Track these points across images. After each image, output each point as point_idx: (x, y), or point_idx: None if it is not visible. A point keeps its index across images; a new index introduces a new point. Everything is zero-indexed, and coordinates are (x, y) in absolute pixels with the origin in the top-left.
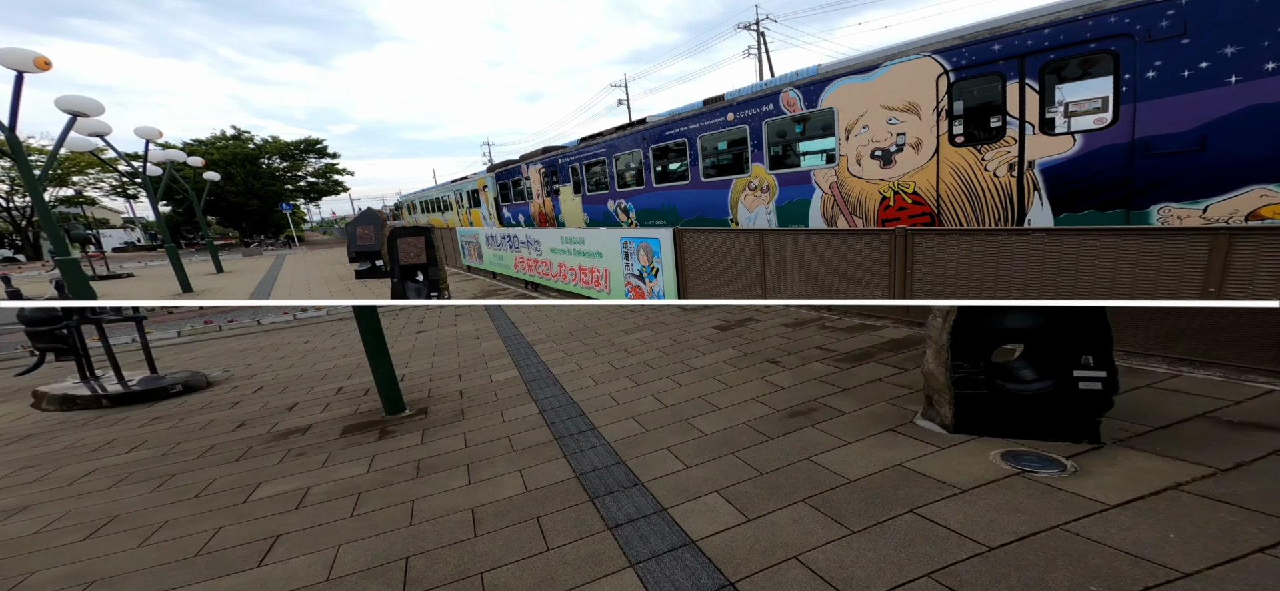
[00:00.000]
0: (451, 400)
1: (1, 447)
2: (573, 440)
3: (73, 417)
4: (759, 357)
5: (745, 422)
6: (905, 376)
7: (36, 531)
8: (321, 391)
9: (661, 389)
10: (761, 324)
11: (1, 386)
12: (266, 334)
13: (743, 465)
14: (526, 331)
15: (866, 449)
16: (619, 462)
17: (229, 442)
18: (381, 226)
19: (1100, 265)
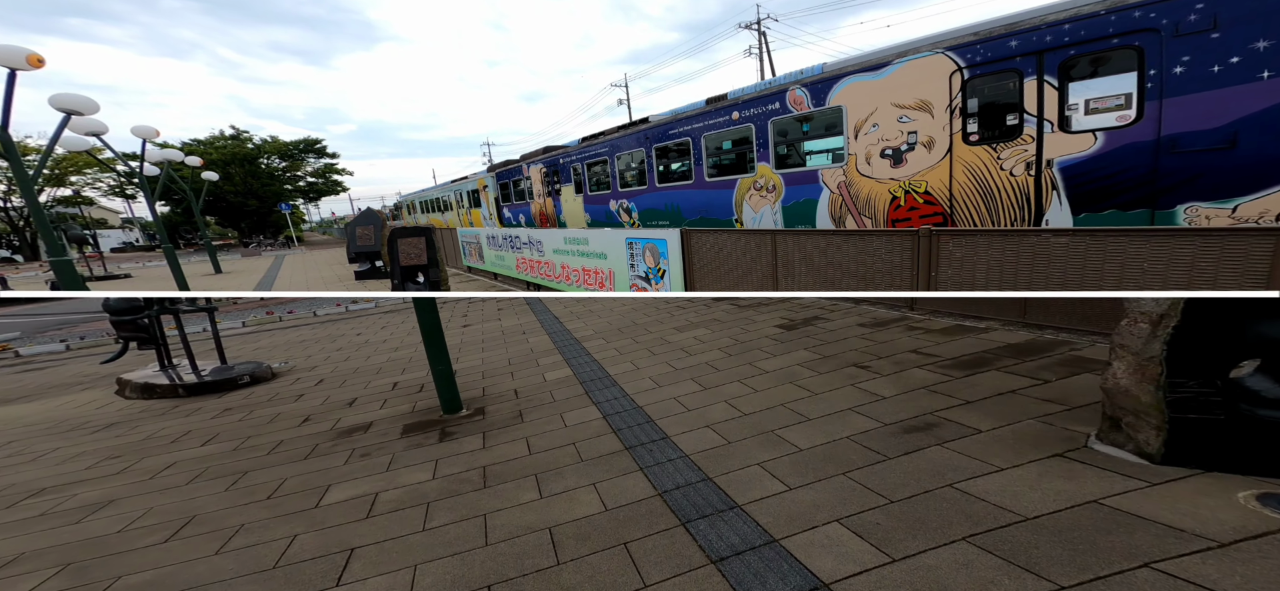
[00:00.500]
0: (507, 400)
1: (88, 436)
2: (645, 450)
3: (153, 406)
4: (841, 362)
5: (848, 437)
6: (1048, 389)
7: (120, 529)
8: (378, 386)
9: (734, 394)
10: (832, 323)
11: (89, 373)
12: (322, 325)
13: (863, 489)
14: (573, 327)
15: (1031, 478)
16: (705, 479)
17: (296, 439)
18: (381, 226)
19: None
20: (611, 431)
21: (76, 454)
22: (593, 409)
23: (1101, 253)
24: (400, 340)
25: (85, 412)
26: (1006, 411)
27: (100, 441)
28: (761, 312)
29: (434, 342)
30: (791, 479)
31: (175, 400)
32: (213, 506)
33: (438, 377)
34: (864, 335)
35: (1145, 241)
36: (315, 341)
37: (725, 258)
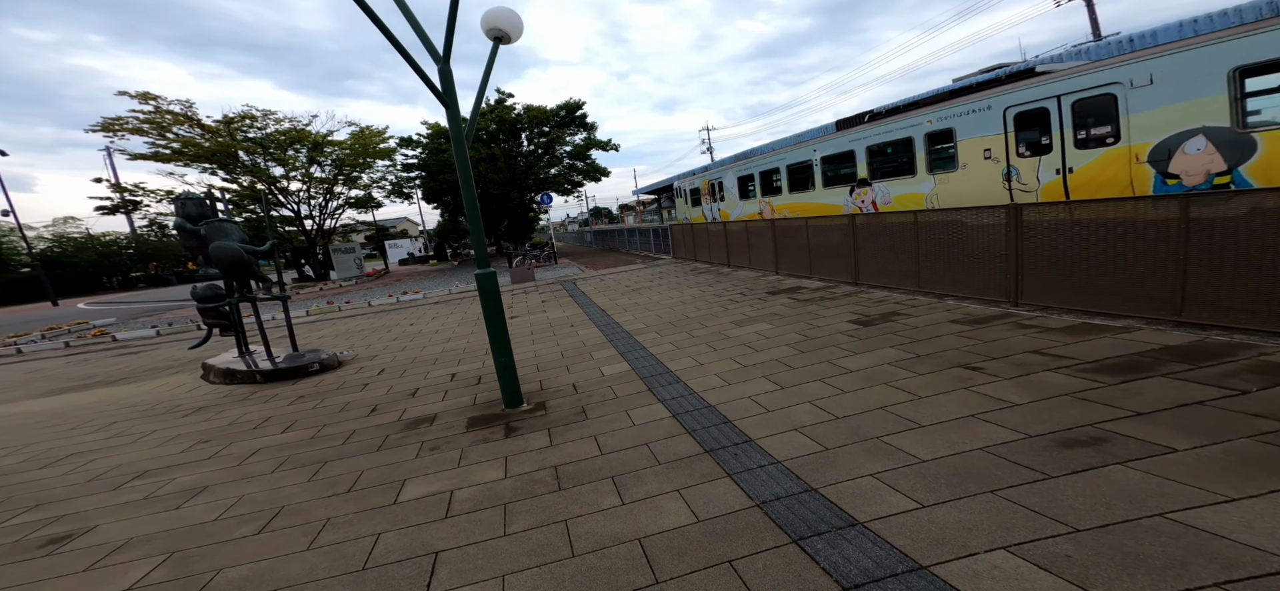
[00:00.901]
0: (566, 395)
1: (181, 419)
2: (729, 455)
3: (234, 391)
4: (941, 362)
5: (981, 449)
6: (1250, 402)
7: (216, 517)
8: (437, 377)
9: (817, 395)
10: (915, 319)
11: (178, 357)
12: (377, 315)
13: (1027, 512)
14: (622, 320)
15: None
16: (809, 490)
17: (367, 429)
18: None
19: None
20: (685, 432)
21: (172, 436)
22: (659, 407)
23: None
24: (451, 330)
25: (176, 396)
26: (1202, 428)
27: (191, 425)
28: (827, 307)
29: (498, 334)
30: (921, 494)
31: (254, 386)
32: (299, 497)
33: (500, 370)
34: (961, 333)
35: None
36: (372, 331)
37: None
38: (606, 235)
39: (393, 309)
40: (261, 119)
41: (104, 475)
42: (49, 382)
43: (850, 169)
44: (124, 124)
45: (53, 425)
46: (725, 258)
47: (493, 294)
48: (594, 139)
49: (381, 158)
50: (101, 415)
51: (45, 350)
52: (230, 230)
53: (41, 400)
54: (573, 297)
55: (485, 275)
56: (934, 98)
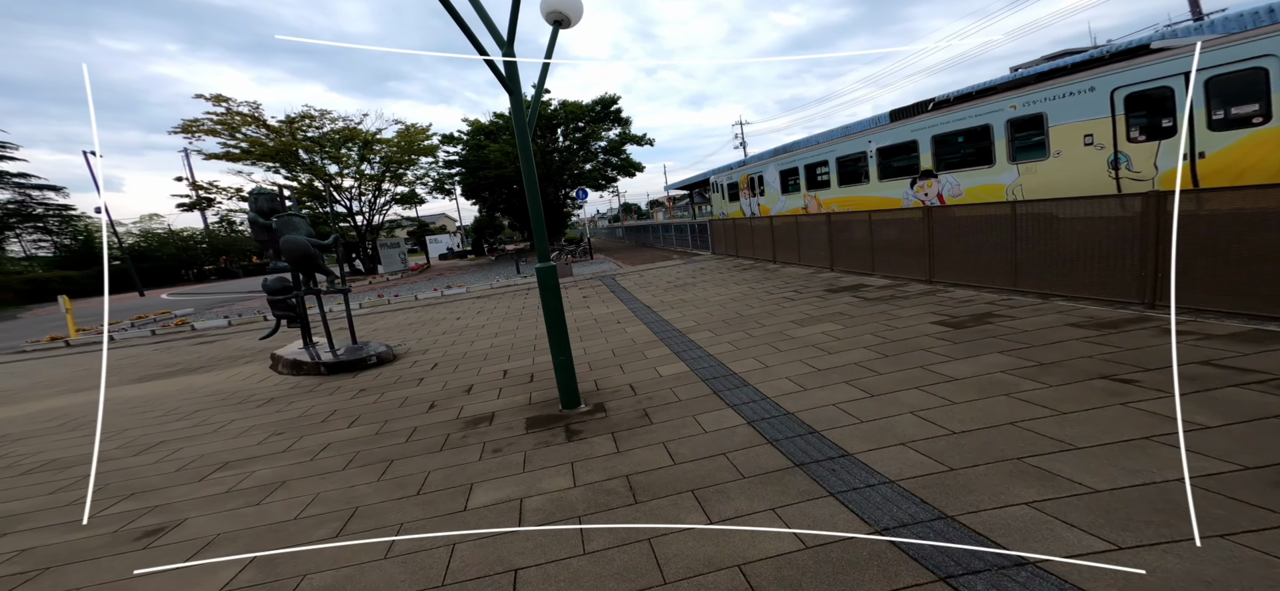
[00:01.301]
0: (625, 396)
1: (255, 409)
2: (826, 471)
3: (301, 383)
4: (1078, 373)
5: (1177, 480)
6: None
7: (295, 516)
8: (489, 373)
9: (919, 405)
10: (1021, 322)
11: (248, 347)
12: (424, 308)
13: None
14: (671, 317)
15: None
16: (943, 517)
17: (428, 426)
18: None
19: None
20: (765, 442)
21: (248, 427)
22: (730, 413)
23: None
24: (496, 325)
25: (249, 385)
26: None
27: (265, 415)
28: (901, 307)
29: (557, 331)
30: (1114, 533)
31: (318, 377)
32: (371, 498)
33: (559, 369)
34: (1089, 339)
35: None
36: (422, 324)
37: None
38: (639, 231)
39: (438, 302)
40: (319, 118)
41: (190, 465)
42: (139, 369)
43: (911, 160)
44: (200, 125)
45: (144, 411)
46: (771, 254)
47: (553, 289)
48: (629, 133)
49: (425, 154)
50: (185, 403)
51: (134, 337)
52: (298, 224)
53: (134, 386)
54: (614, 293)
55: (546, 269)
56: (1017, 82)
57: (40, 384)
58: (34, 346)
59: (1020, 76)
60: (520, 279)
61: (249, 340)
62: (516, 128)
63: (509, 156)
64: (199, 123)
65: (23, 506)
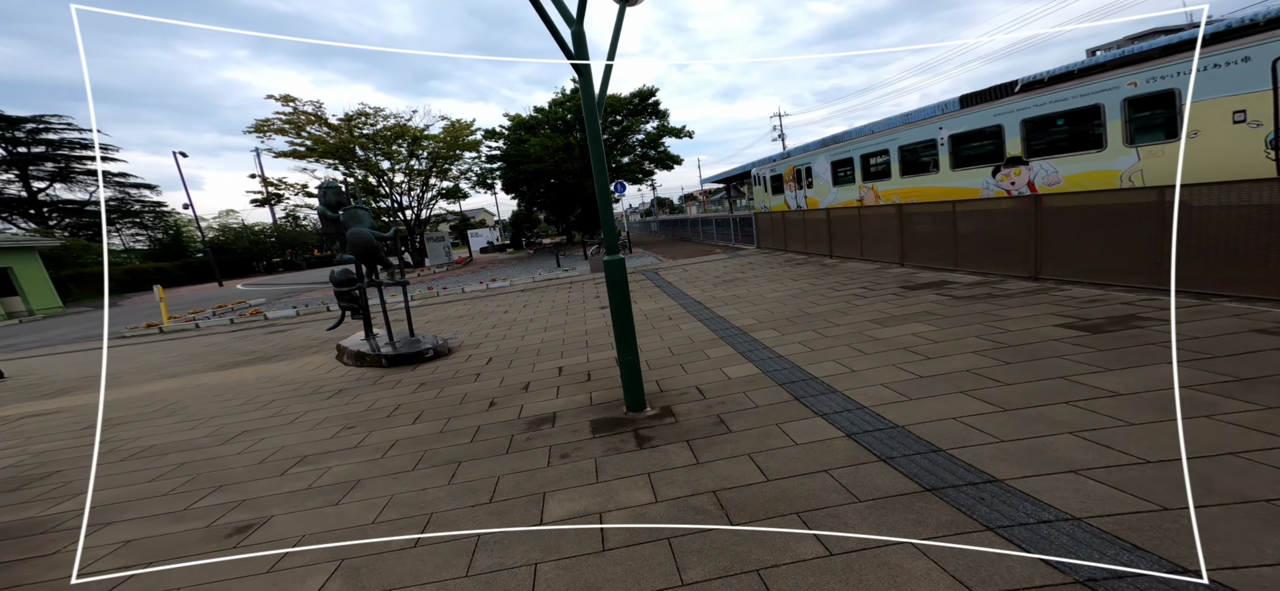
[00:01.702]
0: (692, 399)
1: (325, 401)
2: (972, 498)
3: (366, 375)
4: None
5: None
6: None
7: (373, 520)
8: (545, 370)
9: (1078, 425)
10: (1185, 325)
11: (316, 337)
12: (471, 301)
13: None
14: (727, 313)
15: None
16: (1182, 571)
17: (491, 426)
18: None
19: None
20: (876, 459)
21: (321, 420)
22: (821, 422)
23: None
24: (544, 319)
25: (318, 375)
26: None
27: (335, 408)
28: (1008, 307)
29: (624, 328)
30: None
31: (380, 369)
32: (444, 504)
33: (624, 369)
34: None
35: None
36: (471, 317)
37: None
38: (675, 225)
39: (484, 295)
40: (372, 116)
41: (271, 457)
42: (221, 357)
43: (992, 146)
44: (270, 125)
45: (226, 399)
46: (827, 248)
47: (621, 283)
48: (667, 126)
49: (469, 149)
50: (263, 392)
51: (216, 325)
52: (363, 216)
53: (217, 373)
54: (660, 288)
55: (614, 262)
56: (1134, 58)
57: (139, 368)
58: (133, 332)
59: (1138, 51)
60: (561, 273)
61: (316, 330)
62: (586, 109)
63: (548, 150)
64: (269, 122)
65: (124, 494)
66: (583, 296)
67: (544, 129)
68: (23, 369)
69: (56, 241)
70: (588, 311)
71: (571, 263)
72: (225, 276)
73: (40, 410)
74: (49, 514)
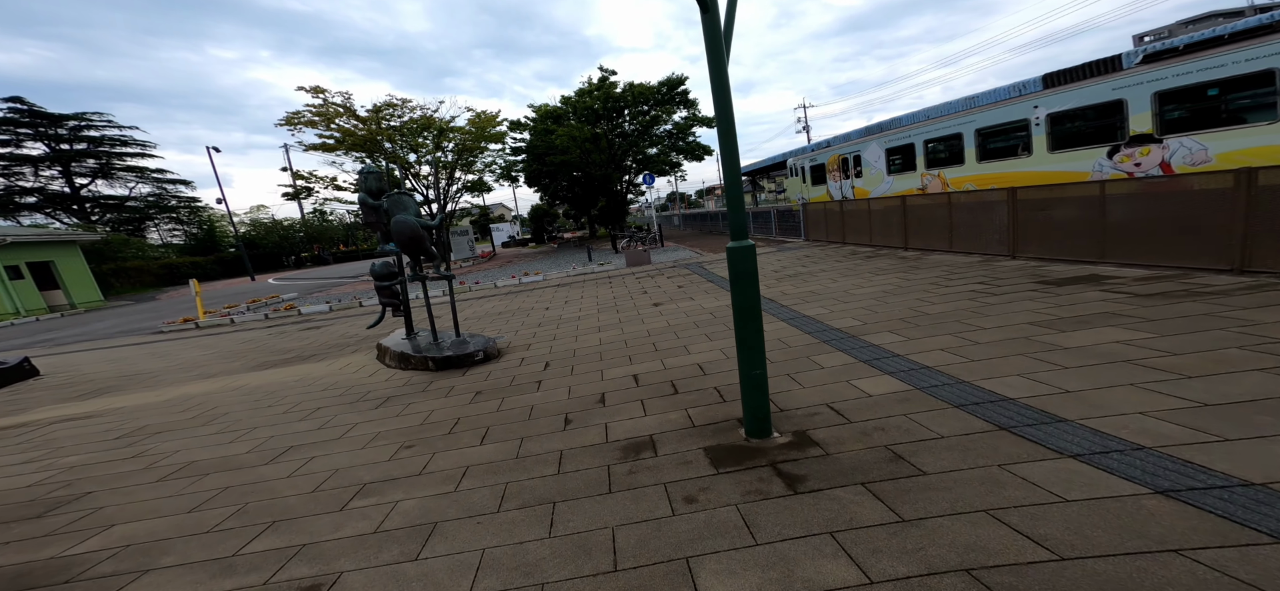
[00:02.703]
0: (831, 424)
1: (373, 410)
2: None
3: (413, 379)
4: None
5: None
6: None
7: (469, 588)
8: (615, 378)
9: None
10: None
11: (352, 334)
12: (506, 296)
13: None
14: (812, 312)
15: None
16: None
17: (577, 453)
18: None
19: None
20: (1233, 522)
21: (373, 434)
22: (1081, 466)
23: None
24: (593, 317)
25: (360, 378)
26: None
27: (387, 420)
28: (1237, 307)
29: (751, 335)
30: None
31: (427, 373)
32: (554, 571)
33: (748, 385)
34: None
35: None
36: (511, 313)
37: None
38: (701, 218)
39: (519, 290)
40: (400, 107)
41: (326, 484)
42: (258, 355)
43: (1107, 124)
44: (300, 117)
45: (268, 405)
46: (901, 239)
47: (749, 275)
48: (698, 115)
49: (494, 141)
50: (305, 397)
51: (251, 321)
52: (408, 203)
53: (255, 374)
54: (715, 283)
55: (742, 250)
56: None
57: (176, 366)
58: (170, 326)
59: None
60: (596, 267)
61: (351, 326)
62: (710, 53)
63: (575, 141)
64: (300, 114)
65: (164, 527)
66: (628, 292)
67: (570, 119)
68: (60, 365)
69: (97, 236)
70: (640, 309)
71: (603, 257)
72: (258, 270)
73: (74, 414)
74: (76, 553)
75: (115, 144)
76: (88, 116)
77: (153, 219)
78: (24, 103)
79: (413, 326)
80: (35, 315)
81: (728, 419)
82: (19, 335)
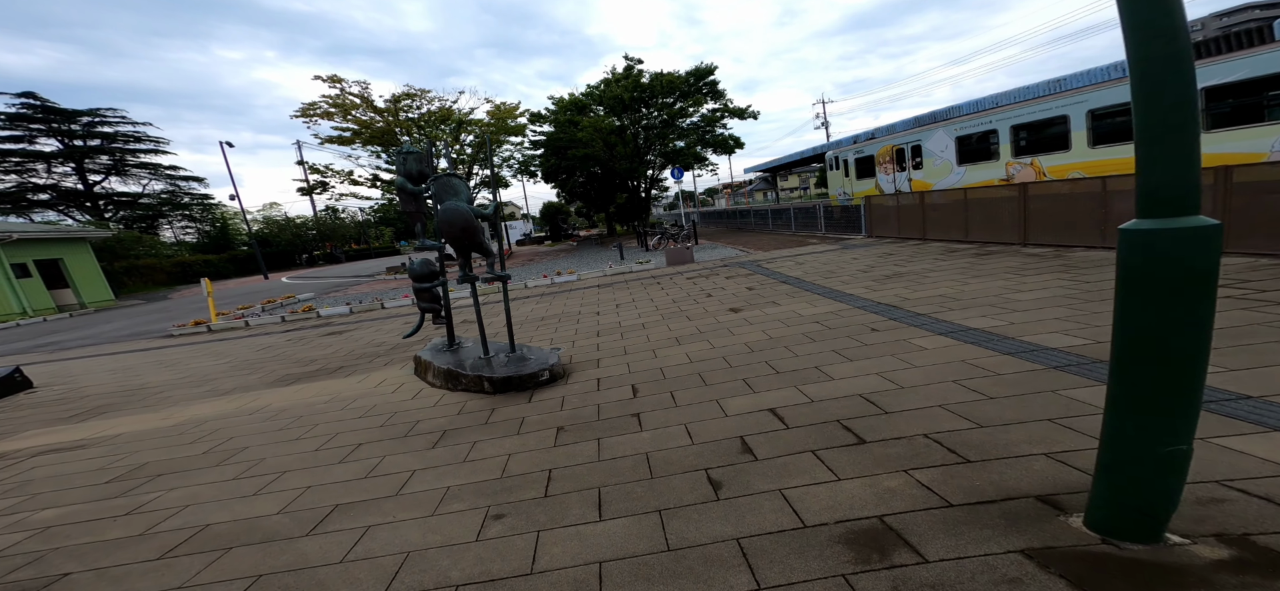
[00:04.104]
0: (1253, 518)
1: (430, 450)
2: None
3: (468, 405)
4: None
5: None
6: None
7: None
8: (743, 412)
9: None
10: None
11: (380, 341)
12: (541, 299)
13: None
14: (992, 326)
15: None
16: None
17: (767, 546)
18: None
19: None
20: None
21: (442, 491)
22: None
23: None
24: (660, 324)
25: (402, 400)
26: None
27: (454, 468)
28: None
29: (1188, 380)
30: None
31: (484, 397)
32: None
33: (1166, 465)
34: None
35: None
36: (554, 319)
37: None
38: (725, 216)
39: (554, 291)
40: (418, 98)
41: (398, 581)
42: (278, 365)
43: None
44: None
45: (297, 437)
46: (1019, 235)
47: (1205, 293)
48: (730, 106)
49: (514, 135)
50: (342, 427)
51: (267, 324)
52: (459, 187)
53: (277, 391)
54: (792, 286)
55: (1197, 231)
56: None
57: (186, 378)
58: (180, 330)
59: None
60: (634, 266)
61: (377, 332)
62: None
63: (600, 132)
64: (315, 105)
65: None
66: (687, 294)
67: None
68: (58, 375)
69: (108, 232)
70: (717, 316)
71: (634, 255)
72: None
73: (63, 442)
74: None
75: (129, 140)
76: (101, 112)
77: (166, 216)
78: (37, 98)
79: (454, 335)
80: (43, 315)
81: (1001, 492)
82: (22, 337)
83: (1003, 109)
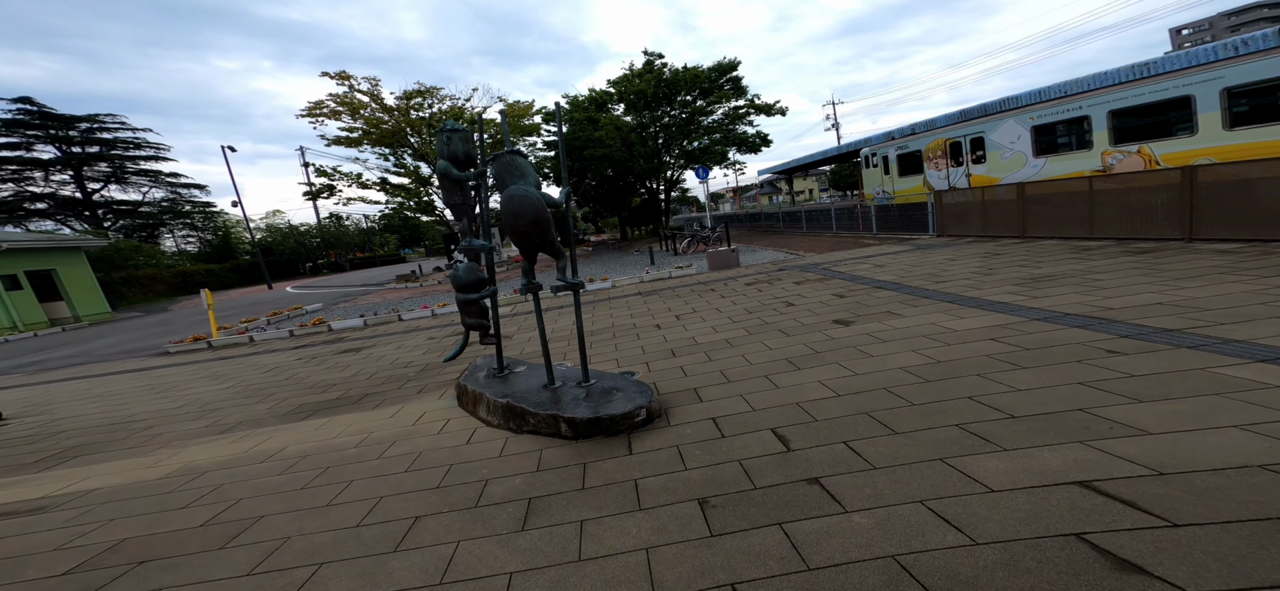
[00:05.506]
0: None
1: (515, 533)
2: None
3: (546, 456)
4: None
5: None
6: None
7: None
8: (1004, 471)
9: None
10: None
11: (405, 362)
12: (571, 311)
13: None
14: (1254, 334)
15: None
16: None
17: None
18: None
19: None
20: None
21: None
22: None
23: None
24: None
25: (455, 446)
26: None
27: (562, 574)
28: None
29: None
30: None
31: (562, 443)
32: None
33: None
34: None
35: None
36: (606, 333)
37: None
38: (748, 219)
39: (589, 301)
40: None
41: None
42: (291, 391)
43: None
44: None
45: (327, 501)
46: (1184, 229)
47: None
48: (757, 102)
49: (527, 134)
50: (383, 484)
51: (273, 339)
52: (525, 168)
53: (292, 427)
54: (899, 291)
55: None
56: None
57: (182, 409)
58: (178, 347)
59: None
60: (675, 271)
61: (398, 349)
62: None
63: (619, 131)
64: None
65: None
66: (760, 303)
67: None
68: (35, 401)
69: (104, 241)
70: (822, 329)
71: (668, 260)
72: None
73: (17, 502)
74: None
75: (128, 147)
76: (100, 118)
77: (166, 224)
78: (33, 104)
79: (502, 357)
80: (33, 330)
81: None
82: (5, 356)
83: (1095, 93)
